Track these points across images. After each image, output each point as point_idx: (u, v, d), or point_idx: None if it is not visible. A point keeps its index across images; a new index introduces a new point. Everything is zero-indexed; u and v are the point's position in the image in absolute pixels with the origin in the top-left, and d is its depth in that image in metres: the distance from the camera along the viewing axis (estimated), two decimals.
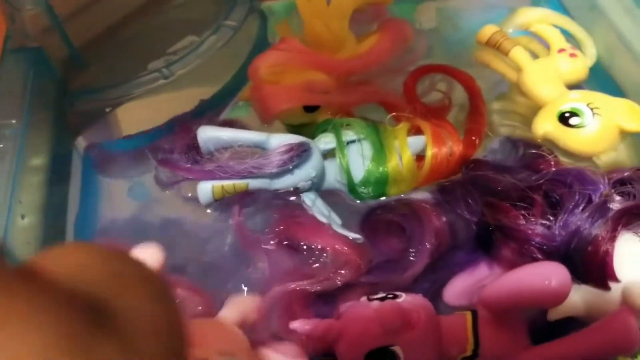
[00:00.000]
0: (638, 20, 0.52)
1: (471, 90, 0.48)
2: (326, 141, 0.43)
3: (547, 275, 0.30)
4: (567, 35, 0.53)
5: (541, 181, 0.38)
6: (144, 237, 0.42)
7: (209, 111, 0.47)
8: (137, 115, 0.48)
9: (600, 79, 0.52)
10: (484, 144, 0.46)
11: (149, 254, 0.24)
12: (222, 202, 0.42)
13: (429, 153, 0.42)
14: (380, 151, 0.42)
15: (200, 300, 0.34)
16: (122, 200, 0.43)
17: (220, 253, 0.40)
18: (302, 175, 0.40)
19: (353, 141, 0.43)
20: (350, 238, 0.40)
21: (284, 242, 0.40)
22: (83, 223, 0.42)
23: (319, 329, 0.33)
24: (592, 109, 0.44)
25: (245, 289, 0.38)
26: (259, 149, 0.41)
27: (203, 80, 0.50)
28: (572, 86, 0.49)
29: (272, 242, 0.40)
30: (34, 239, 0.37)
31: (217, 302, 0.34)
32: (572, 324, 0.33)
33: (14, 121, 0.38)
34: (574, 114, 0.44)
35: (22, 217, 0.36)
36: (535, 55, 0.51)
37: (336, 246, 0.39)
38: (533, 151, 0.43)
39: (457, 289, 0.38)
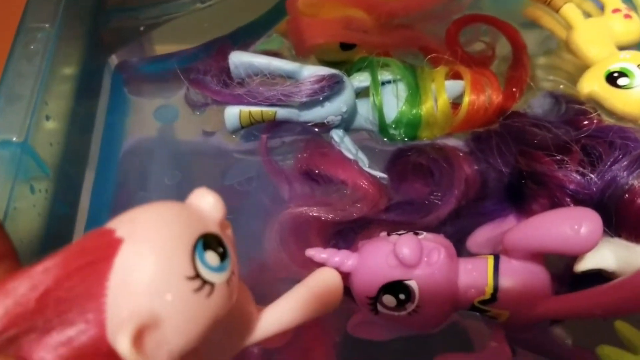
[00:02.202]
0: None
1: (516, 43, 0.47)
2: (361, 79, 0.41)
3: (577, 219, 0.28)
4: None
5: (581, 135, 0.37)
6: (169, 159, 0.42)
7: (246, 39, 0.45)
8: (171, 37, 0.47)
9: None
10: (525, 97, 0.44)
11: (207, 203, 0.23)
12: (248, 132, 0.41)
13: (466, 99, 0.41)
14: (416, 93, 0.41)
15: None
16: (148, 121, 0.43)
17: (243, 179, 0.39)
18: (332, 108, 0.39)
19: (389, 81, 0.41)
20: (377, 177, 0.39)
21: (306, 171, 0.39)
22: (109, 138, 0.41)
23: (335, 257, 0.32)
24: None
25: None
26: (291, 79, 0.39)
27: (241, 8, 0.49)
28: (624, 49, 0.46)
29: (294, 170, 0.39)
30: (57, 143, 0.37)
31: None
32: (600, 281, 0.32)
33: (47, 25, 0.37)
34: (622, 74, 0.42)
35: (47, 118, 0.36)
36: (587, 16, 0.49)
37: (356, 180, 0.38)
38: (576, 107, 0.41)
39: (481, 237, 0.36)
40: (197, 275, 0.21)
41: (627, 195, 0.30)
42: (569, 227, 0.28)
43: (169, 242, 0.21)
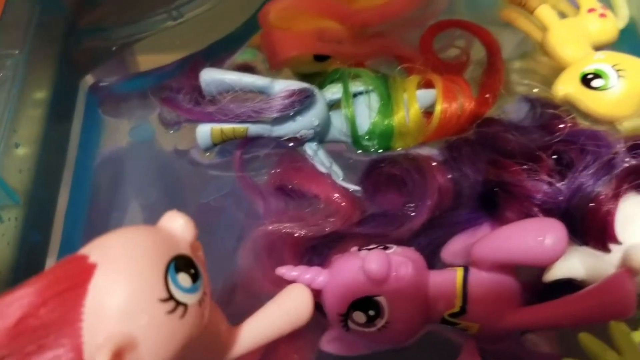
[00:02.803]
0: None
1: (490, 47, 0.46)
2: (333, 91, 0.41)
3: (542, 231, 0.28)
4: None
5: (553, 141, 0.37)
6: (144, 178, 0.42)
7: (220, 54, 0.46)
8: (144, 55, 0.48)
9: (632, 42, 0.49)
10: (499, 103, 0.44)
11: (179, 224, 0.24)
12: (223, 149, 0.42)
13: (438, 108, 0.41)
14: (388, 103, 0.41)
15: None
16: (123, 141, 0.43)
17: (218, 195, 0.40)
18: (304, 122, 0.39)
19: (361, 92, 0.41)
20: (351, 190, 0.39)
21: (279, 187, 0.39)
22: (83, 160, 0.42)
23: (305, 275, 0.32)
24: (617, 71, 0.42)
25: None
26: (263, 94, 0.40)
27: (214, 24, 0.49)
28: (600, 48, 0.46)
29: (268, 186, 0.39)
30: (27, 169, 0.37)
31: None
32: (571, 289, 0.32)
33: (16, 52, 0.38)
34: (597, 75, 0.42)
35: (16, 145, 0.36)
36: (563, 16, 0.49)
37: (329, 194, 0.38)
38: (550, 111, 0.41)
39: (455, 247, 0.36)
40: (171, 297, 0.22)
41: (592, 204, 0.30)
42: (534, 238, 0.28)
43: (141, 266, 0.22)
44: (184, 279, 0.23)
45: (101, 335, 0.20)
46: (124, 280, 0.21)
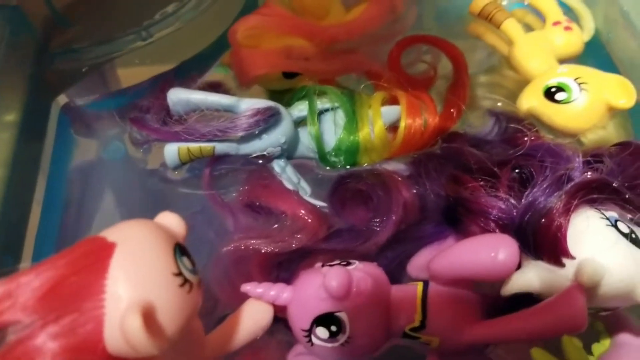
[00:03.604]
0: None
1: (456, 62, 0.47)
2: (301, 108, 0.42)
3: (494, 246, 0.29)
4: (566, 9, 0.51)
5: (515, 155, 0.37)
6: (115, 196, 0.43)
7: (191, 73, 0.46)
8: (116, 75, 0.48)
9: (597, 54, 0.50)
10: (465, 117, 0.45)
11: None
12: (193, 166, 0.42)
13: (403, 124, 0.41)
14: (352, 120, 0.41)
15: None
16: (95, 159, 0.44)
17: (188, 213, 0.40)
18: (270, 140, 0.40)
19: (327, 109, 0.42)
20: (318, 206, 0.40)
21: (248, 204, 0.40)
22: (55, 180, 0.42)
23: (270, 292, 0.32)
24: (579, 84, 0.43)
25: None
26: (230, 112, 0.40)
27: (184, 43, 0.50)
28: (566, 61, 0.47)
29: (237, 203, 0.40)
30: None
31: None
32: (531, 302, 0.32)
33: None
34: (560, 89, 0.43)
35: None
36: (530, 29, 0.50)
37: (296, 211, 0.38)
38: (514, 125, 0.42)
39: (421, 261, 0.37)
40: (181, 273, 0.25)
41: (543, 220, 0.30)
42: (486, 254, 0.29)
43: (155, 244, 0.25)
44: (186, 261, 0.26)
45: (123, 305, 0.23)
46: (142, 255, 0.24)
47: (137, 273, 0.24)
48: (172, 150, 0.39)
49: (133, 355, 0.24)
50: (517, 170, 0.36)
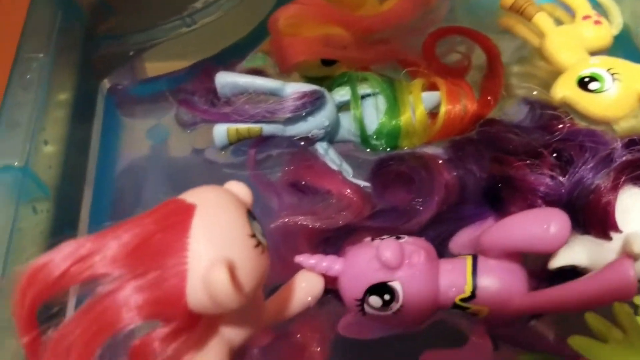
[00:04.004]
0: None
1: (490, 52, 0.48)
2: (342, 94, 0.43)
3: (547, 219, 0.30)
4: (594, 4, 0.53)
5: (553, 140, 0.39)
6: (162, 176, 0.44)
7: (231, 59, 0.48)
8: (159, 60, 0.50)
9: (626, 48, 0.51)
10: (500, 105, 0.46)
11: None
12: (237, 148, 0.43)
13: (443, 109, 0.43)
14: (394, 105, 0.43)
15: None
16: (141, 141, 0.45)
17: None
18: (315, 122, 0.41)
19: (368, 95, 0.43)
20: (361, 186, 0.41)
21: (293, 183, 0.41)
22: (104, 158, 0.43)
23: (323, 263, 0.34)
24: (612, 74, 0.44)
25: None
26: (275, 96, 0.41)
27: (226, 30, 0.51)
28: (595, 54, 0.48)
29: (281, 182, 0.41)
30: (55, 165, 0.39)
31: None
32: (574, 277, 0.34)
33: (41, 55, 0.39)
34: (593, 78, 0.44)
35: (45, 142, 0.38)
36: (559, 22, 0.51)
37: (341, 190, 0.40)
38: (549, 112, 0.43)
39: (462, 239, 0.38)
40: (254, 235, 0.26)
41: (592, 195, 0.32)
42: (539, 226, 0.30)
43: (232, 207, 0.26)
44: (256, 225, 0.27)
45: (206, 262, 0.24)
46: (221, 216, 0.25)
47: (217, 232, 0.25)
48: (221, 131, 0.40)
49: (212, 310, 0.25)
50: (556, 154, 0.38)
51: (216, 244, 0.25)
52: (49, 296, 0.24)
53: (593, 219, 0.32)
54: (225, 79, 0.41)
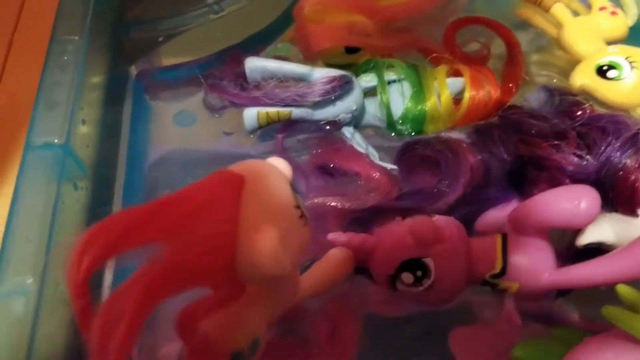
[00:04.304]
0: None
1: (509, 41, 0.49)
2: (367, 79, 0.44)
3: (577, 195, 0.31)
4: None
5: (575, 124, 0.40)
6: (191, 160, 0.45)
7: (255, 47, 0.49)
8: (188, 46, 0.50)
9: None
10: (521, 92, 0.47)
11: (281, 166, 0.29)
12: (263, 133, 0.44)
13: (467, 95, 0.44)
14: (420, 91, 0.43)
15: None
16: (169, 125, 0.46)
17: None
18: (343, 107, 0.42)
19: (394, 81, 0.44)
20: (388, 168, 0.42)
21: (321, 166, 0.42)
22: (135, 142, 0.44)
23: (355, 240, 0.34)
24: (630, 63, 0.45)
25: None
26: (303, 81, 0.42)
27: (251, 18, 0.52)
28: (611, 44, 0.49)
29: (309, 165, 0.42)
30: (92, 145, 0.40)
31: None
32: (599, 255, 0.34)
33: (76, 37, 0.40)
34: (611, 67, 0.45)
35: (83, 122, 0.39)
36: (576, 14, 0.52)
37: (369, 172, 0.41)
38: (569, 98, 0.44)
39: (488, 220, 0.39)
40: (299, 206, 0.27)
41: (621, 173, 0.33)
42: (570, 202, 0.31)
43: (278, 179, 0.27)
44: (299, 198, 0.28)
45: (255, 231, 0.25)
46: (270, 187, 0.26)
47: (266, 202, 0.26)
48: (251, 114, 0.41)
49: (259, 278, 0.26)
50: (578, 137, 0.39)
51: (266, 213, 0.26)
52: (105, 261, 0.25)
53: (621, 196, 0.33)
54: (254, 64, 0.42)
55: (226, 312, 0.28)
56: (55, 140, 0.35)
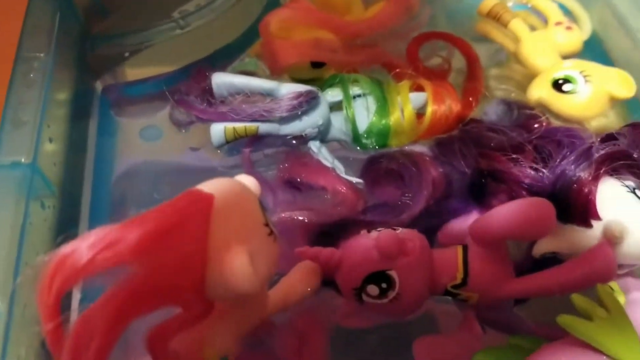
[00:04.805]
0: None
1: (469, 56, 0.51)
2: (333, 94, 0.45)
3: (534, 208, 0.32)
4: (565, 11, 0.56)
5: (532, 137, 0.41)
6: (156, 176, 0.45)
7: (221, 62, 0.49)
8: (154, 61, 0.51)
9: (595, 52, 0.55)
10: (480, 106, 0.48)
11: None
12: (231, 148, 0.45)
13: (429, 109, 0.45)
14: (384, 105, 0.45)
15: None
16: (135, 141, 0.46)
17: None
18: (309, 122, 0.43)
19: (358, 95, 0.45)
20: (354, 182, 0.43)
21: (288, 181, 0.43)
22: (101, 158, 0.44)
23: (322, 254, 0.35)
24: (584, 76, 0.47)
25: None
26: (270, 96, 0.43)
27: (217, 33, 0.53)
28: (567, 58, 0.51)
29: (276, 180, 0.42)
30: (59, 163, 0.40)
31: None
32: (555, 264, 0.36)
33: (42, 55, 0.40)
34: (567, 80, 0.47)
35: (50, 140, 0.39)
36: (533, 28, 0.54)
37: (335, 186, 0.42)
38: (526, 112, 0.46)
39: (450, 232, 0.40)
40: (268, 224, 0.28)
41: (575, 186, 0.34)
42: (527, 215, 0.32)
43: (247, 197, 0.28)
44: (267, 215, 0.29)
45: (226, 250, 0.25)
46: (239, 205, 0.27)
47: (236, 221, 0.27)
48: (219, 130, 0.42)
49: (229, 296, 0.27)
50: (535, 150, 0.40)
51: (236, 232, 0.26)
52: (75, 283, 0.25)
53: (575, 208, 0.34)
54: (221, 79, 0.42)
55: (195, 330, 0.28)
56: (23, 159, 0.35)
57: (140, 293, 0.25)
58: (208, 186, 0.28)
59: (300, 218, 0.40)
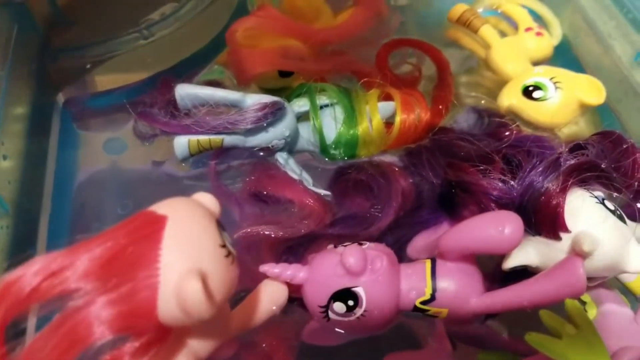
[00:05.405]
0: (602, 2, 0.54)
1: (440, 64, 0.51)
2: (300, 104, 0.44)
3: (501, 221, 0.32)
4: (535, 16, 0.55)
5: (502, 146, 0.41)
6: (120, 189, 0.44)
7: (188, 71, 0.48)
8: (117, 73, 0.50)
9: (565, 57, 0.54)
10: (450, 114, 0.48)
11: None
12: (197, 160, 0.44)
13: (398, 119, 0.44)
14: (352, 115, 0.44)
15: None
16: (98, 153, 0.45)
17: None
18: (276, 133, 0.42)
19: (326, 105, 0.44)
20: (322, 194, 0.42)
21: (254, 193, 0.42)
22: (62, 172, 0.43)
23: (286, 271, 0.34)
24: (554, 83, 0.46)
25: None
26: (235, 107, 0.42)
27: (183, 42, 0.51)
28: (538, 63, 0.51)
29: (243, 193, 0.41)
30: (14, 180, 0.39)
31: None
32: (526, 278, 0.35)
33: None
34: (537, 87, 0.47)
35: (4, 157, 0.37)
36: (503, 34, 0.54)
37: (302, 199, 0.41)
38: (497, 120, 0.45)
39: (419, 244, 0.40)
40: (225, 245, 0.27)
41: (543, 198, 0.34)
42: (494, 228, 0.32)
43: (203, 218, 0.27)
44: (225, 235, 0.28)
45: (178, 273, 0.24)
46: (192, 226, 0.26)
47: (189, 243, 0.25)
48: (182, 143, 0.41)
49: (183, 321, 0.26)
50: (505, 160, 0.39)
51: (188, 255, 0.25)
52: (20, 312, 0.24)
53: (543, 220, 0.33)
54: (185, 91, 0.41)
55: (153, 356, 0.27)
56: None
57: (89, 321, 0.24)
58: (162, 207, 0.27)
59: (267, 232, 0.39)
